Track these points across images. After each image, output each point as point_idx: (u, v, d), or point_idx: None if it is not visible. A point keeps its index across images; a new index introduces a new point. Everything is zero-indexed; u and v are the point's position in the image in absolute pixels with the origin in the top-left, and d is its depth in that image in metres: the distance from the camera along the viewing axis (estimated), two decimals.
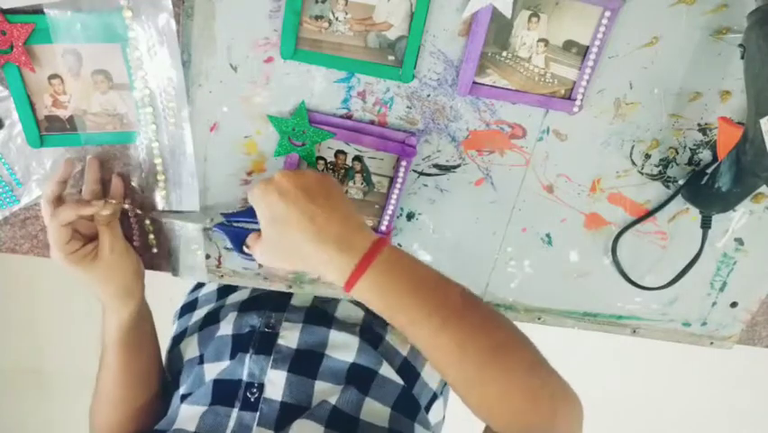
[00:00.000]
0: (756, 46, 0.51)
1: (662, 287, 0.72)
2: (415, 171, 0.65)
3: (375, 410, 0.62)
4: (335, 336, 0.67)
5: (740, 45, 0.53)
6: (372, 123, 0.62)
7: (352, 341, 0.67)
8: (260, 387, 0.62)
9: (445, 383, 0.74)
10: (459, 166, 0.65)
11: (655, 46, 0.60)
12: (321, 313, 0.71)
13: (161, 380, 0.72)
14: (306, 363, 0.64)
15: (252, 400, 0.61)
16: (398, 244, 0.69)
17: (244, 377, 0.63)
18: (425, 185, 0.66)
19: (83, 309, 1.84)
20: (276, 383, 0.62)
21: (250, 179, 0.64)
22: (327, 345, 0.67)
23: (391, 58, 0.58)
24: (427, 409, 0.69)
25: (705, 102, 0.63)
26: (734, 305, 0.77)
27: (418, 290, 0.50)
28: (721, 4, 0.58)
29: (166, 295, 0.87)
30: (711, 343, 0.80)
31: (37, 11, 0.54)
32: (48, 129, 0.60)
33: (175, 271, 0.69)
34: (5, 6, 0.53)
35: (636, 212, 0.69)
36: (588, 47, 0.59)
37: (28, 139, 0.60)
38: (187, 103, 0.59)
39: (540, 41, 0.58)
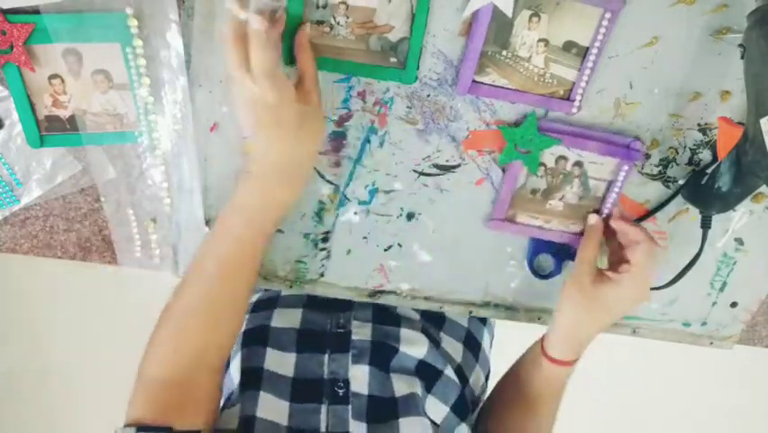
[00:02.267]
0: (756, 46, 0.51)
1: (662, 287, 0.72)
2: (415, 171, 0.65)
3: (436, 409, 0.64)
4: (406, 332, 0.70)
5: (740, 45, 0.53)
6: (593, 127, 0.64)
7: (421, 339, 0.70)
8: (346, 382, 0.63)
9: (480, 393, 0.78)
10: (459, 166, 0.65)
11: (655, 46, 0.60)
12: (385, 308, 0.73)
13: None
14: (382, 356, 0.66)
15: (341, 394, 0.62)
16: (399, 245, 0.69)
17: (325, 375, 0.64)
18: (425, 185, 0.66)
19: (83, 310, 1.84)
20: (359, 378, 0.63)
21: None
22: (400, 340, 0.69)
23: (393, 60, 0.58)
24: (473, 411, 0.73)
25: (705, 102, 0.63)
26: (734, 305, 0.77)
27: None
28: (721, 4, 0.58)
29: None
30: (711, 343, 0.80)
31: (37, 11, 0.54)
32: (48, 129, 0.60)
33: (176, 272, 0.69)
34: (5, 6, 0.53)
35: (636, 212, 0.69)
36: (587, 48, 0.59)
37: (28, 139, 0.60)
38: (187, 103, 0.59)
39: (540, 41, 0.58)
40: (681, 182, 0.67)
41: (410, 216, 0.68)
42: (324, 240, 0.68)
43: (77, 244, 0.68)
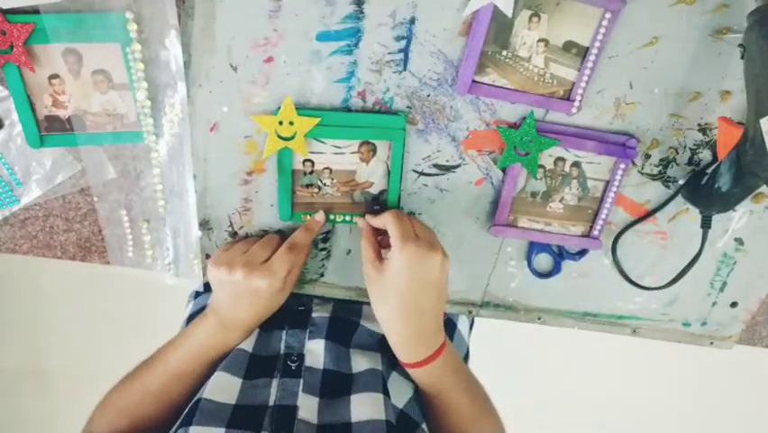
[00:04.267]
0: (756, 46, 0.51)
1: (662, 287, 0.72)
2: (415, 171, 0.65)
3: (399, 385, 0.63)
4: (369, 308, 0.68)
5: (740, 45, 0.53)
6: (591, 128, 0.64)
7: None
8: (300, 357, 0.63)
9: None
10: (459, 166, 0.65)
11: (655, 46, 0.60)
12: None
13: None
14: (342, 331, 0.66)
15: (294, 368, 0.61)
16: None
17: (282, 350, 0.64)
18: (425, 185, 0.66)
19: (83, 310, 1.84)
20: (315, 352, 0.63)
21: (250, 179, 0.64)
22: (362, 315, 0.69)
23: (377, 208, 0.66)
24: None
25: (705, 102, 0.63)
26: (734, 305, 0.77)
27: (461, 384, 0.65)
28: (721, 4, 0.58)
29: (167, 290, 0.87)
30: (711, 343, 0.80)
31: (37, 11, 0.54)
32: (48, 129, 0.60)
33: (171, 273, 0.69)
34: (5, 6, 0.53)
35: (636, 212, 0.69)
36: (587, 48, 0.59)
37: (28, 139, 0.60)
38: (187, 104, 0.59)
39: (540, 41, 0.58)
40: (681, 182, 0.67)
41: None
42: (324, 240, 0.68)
43: (77, 244, 0.68)
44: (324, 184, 0.65)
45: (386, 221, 0.60)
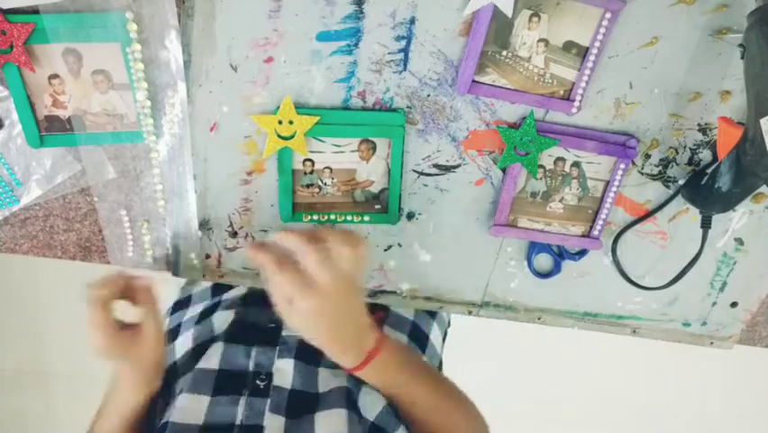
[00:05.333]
0: (756, 46, 0.51)
1: (662, 287, 0.72)
2: (415, 171, 0.65)
3: (372, 398, 0.62)
4: None
5: (740, 45, 0.53)
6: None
7: None
8: (269, 375, 0.62)
9: None
10: (459, 166, 0.65)
11: (655, 46, 0.60)
12: None
13: None
14: (311, 350, 0.64)
15: (262, 387, 0.61)
16: (398, 245, 0.69)
17: (251, 368, 0.64)
18: (425, 185, 0.66)
19: (83, 310, 1.84)
20: (284, 372, 0.63)
21: (250, 179, 0.64)
22: None
23: (378, 207, 0.66)
24: None
25: (705, 102, 0.63)
26: (734, 305, 0.77)
27: (408, 366, 0.64)
28: (721, 4, 0.58)
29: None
30: (711, 343, 0.80)
31: (37, 11, 0.54)
32: (48, 129, 0.60)
33: (174, 273, 0.69)
34: (5, 6, 0.53)
35: (636, 212, 0.69)
36: (587, 48, 0.59)
37: (28, 139, 0.60)
38: (187, 104, 0.59)
39: (540, 41, 0.58)
40: (681, 182, 0.67)
41: (410, 216, 0.68)
42: None
43: (77, 244, 0.68)
44: (325, 184, 0.65)
45: (286, 239, 0.56)
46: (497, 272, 0.72)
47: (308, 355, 0.64)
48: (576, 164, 0.65)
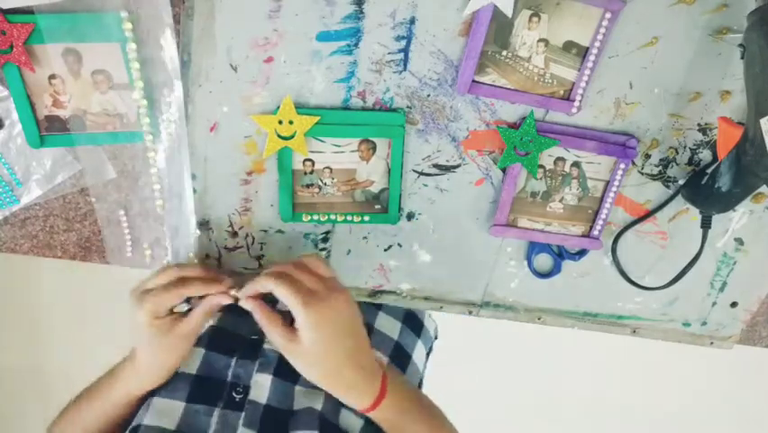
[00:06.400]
0: (756, 46, 0.51)
1: (662, 287, 0.72)
2: (415, 171, 0.65)
3: (351, 421, 0.62)
4: None
5: (740, 45, 0.53)
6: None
7: None
8: (246, 388, 0.62)
9: None
10: (459, 166, 0.65)
11: (655, 46, 0.60)
12: None
13: None
14: (290, 368, 0.63)
15: (238, 400, 0.61)
16: (398, 245, 0.69)
17: (229, 378, 0.63)
18: (425, 185, 0.66)
19: (83, 310, 1.84)
20: (261, 386, 0.62)
21: (250, 179, 0.64)
22: None
23: (378, 207, 0.66)
24: None
25: (705, 102, 0.63)
26: (734, 305, 0.77)
27: (415, 411, 0.64)
28: (721, 4, 0.58)
29: None
30: (711, 343, 0.80)
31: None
32: (48, 129, 0.60)
33: None
34: (5, 6, 0.53)
35: (636, 212, 0.69)
36: (587, 48, 0.59)
37: (28, 139, 0.60)
38: (187, 104, 0.59)
39: (540, 41, 0.58)
40: (681, 182, 0.67)
41: (410, 216, 0.68)
42: (324, 240, 0.68)
43: (77, 244, 0.68)
44: (325, 184, 0.65)
45: (266, 286, 0.56)
46: (497, 272, 0.72)
47: (287, 372, 0.63)
48: (576, 164, 0.65)
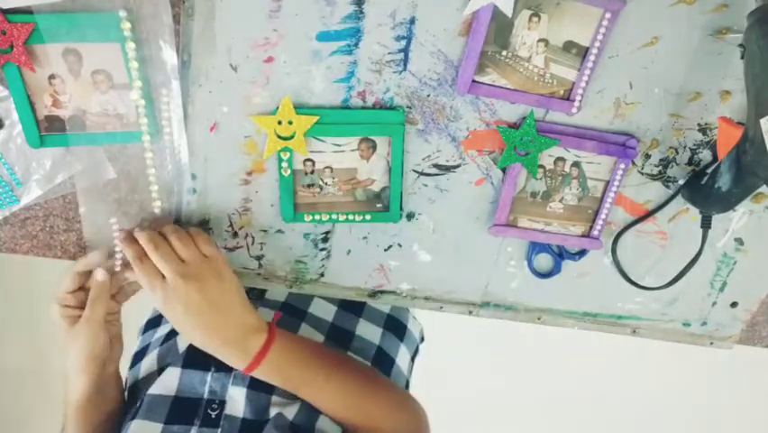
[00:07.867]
0: (756, 46, 0.51)
1: (662, 287, 0.72)
2: (415, 171, 0.65)
3: (328, 427, 0.62)
4: None
5: (740, 45, 0.53)
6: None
7: None
8: (221, 404, 0.62)
9: None
10: (459, 166, 0.65)
11: (655, 46, 0.60)
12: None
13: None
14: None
15: (213, 416, 0.62)
16: (398, 245, 0.69)
17: (205, 394, 0.64)
18: (425, 185, 0.66)
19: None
20: (236, 400, 0.62)
21: (250, 179, 0.64)
22: None
23: (379, 205, 0.66)
24: None
25: (705, 102, 0.63)
26: (734, 305, 0.77)
27: (306, 361, 0.63)
28: (721, 4, 0.58)
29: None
30: (711, 343, 0.80)
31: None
32: (48, 129, 0.60)
33: None
34: (5, 6, 0.53)
35: (636, 212, 0.69)
36: (587, 48, 0.59)
37: (28, 139, 0.60)
38: (187, 104, 0.59)
39: (540, 41, 0.58)
40: (681, 182, 0.67)
41: (410, 216, 0.68)
42: (324, 240, 0.68)
43: (77, 244, 0.68)
44: (326, 183, 0.64)
45: (145, 246, 0.60)
46: (497, 272, 0.72)
47: (262, 383, 0.63)
48: (576, 164, 0.65)
